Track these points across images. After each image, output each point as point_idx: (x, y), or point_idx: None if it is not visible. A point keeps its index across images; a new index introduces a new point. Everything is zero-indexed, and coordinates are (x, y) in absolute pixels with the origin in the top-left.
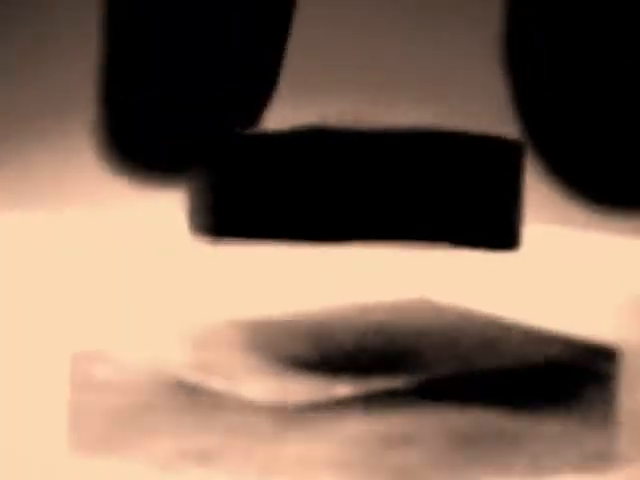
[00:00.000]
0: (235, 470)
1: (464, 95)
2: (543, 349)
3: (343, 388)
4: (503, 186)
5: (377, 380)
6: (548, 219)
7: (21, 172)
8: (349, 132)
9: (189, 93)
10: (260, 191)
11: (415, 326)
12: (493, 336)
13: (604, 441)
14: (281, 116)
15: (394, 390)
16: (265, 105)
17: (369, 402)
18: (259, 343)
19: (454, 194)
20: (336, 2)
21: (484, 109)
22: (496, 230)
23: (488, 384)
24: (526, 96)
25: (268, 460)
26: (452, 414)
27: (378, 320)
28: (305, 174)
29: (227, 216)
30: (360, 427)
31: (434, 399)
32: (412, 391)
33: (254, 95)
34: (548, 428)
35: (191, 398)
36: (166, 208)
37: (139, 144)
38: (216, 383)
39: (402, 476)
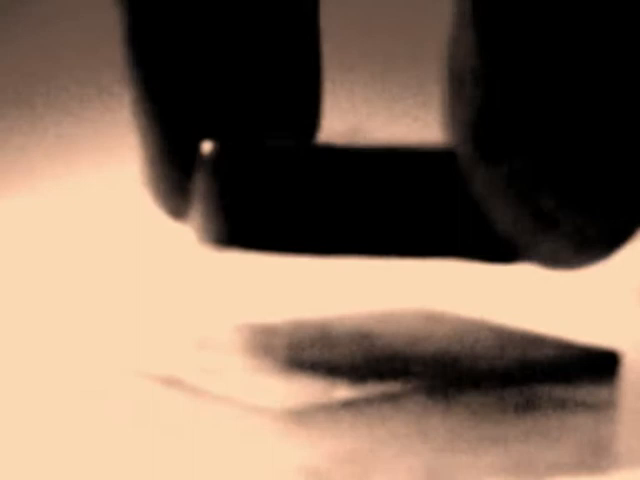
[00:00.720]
0: (236, 472)
1: None
2: (543, 354)
3: (343, 392)
4: None
5: (376, 385)
6: None
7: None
8: (351, 148)
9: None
10: (267, 203)
11: (414, 333)
12: (492, 343)
13: (603, 442)
14: None
15: (393, 395)
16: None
17: (368, 406)
18: (261, 348)
19: (454, 208)
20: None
21: None
22: (497, 244)
23: (487, 390)
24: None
25: (269, 463)
26: (451, 418)
27: (378, 327)
28: (309, 188)
29: (234, 227)
30: (359, 430)
31: (433, 403)
32: (411, 396)
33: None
34: (548, 430)
35: (193, 401)
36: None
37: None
38: (218, 386)
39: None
